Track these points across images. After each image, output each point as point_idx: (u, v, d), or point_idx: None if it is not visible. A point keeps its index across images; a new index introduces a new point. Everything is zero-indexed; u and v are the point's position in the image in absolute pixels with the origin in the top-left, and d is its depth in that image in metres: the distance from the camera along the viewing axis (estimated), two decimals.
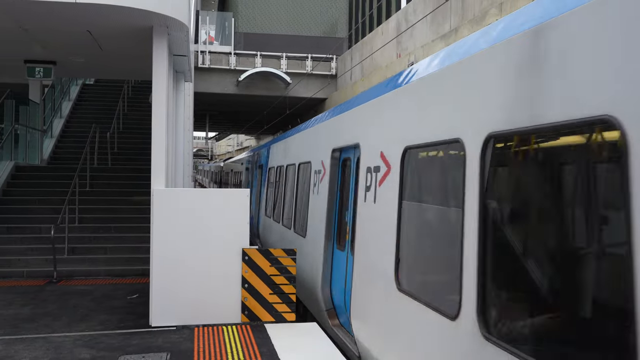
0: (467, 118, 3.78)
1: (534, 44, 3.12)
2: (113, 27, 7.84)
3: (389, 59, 18.92)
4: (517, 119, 3.17)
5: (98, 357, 5.67)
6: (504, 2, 11.20)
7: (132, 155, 14.57)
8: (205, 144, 75.54)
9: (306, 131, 9.39)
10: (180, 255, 6.92)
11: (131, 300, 8.27)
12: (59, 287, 9.19)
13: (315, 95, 25.78)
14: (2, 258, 10.21)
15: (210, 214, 7.02)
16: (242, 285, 6.99)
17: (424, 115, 4.52)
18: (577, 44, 2.77)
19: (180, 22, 7.57)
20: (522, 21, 3.37)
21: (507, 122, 3.27)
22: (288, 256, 7.09)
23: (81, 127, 15.91)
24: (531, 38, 3.15)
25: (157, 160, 7.38)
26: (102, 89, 19.04)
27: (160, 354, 5.77)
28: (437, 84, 4.39)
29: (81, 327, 6.84)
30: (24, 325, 6.86)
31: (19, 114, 13.37)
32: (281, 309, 7.02)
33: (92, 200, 12.18)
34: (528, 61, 3.16)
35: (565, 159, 2.92)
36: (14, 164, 13.01)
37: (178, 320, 6.86)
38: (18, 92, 13.58)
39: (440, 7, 14.36)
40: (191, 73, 12.08)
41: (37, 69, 10.20)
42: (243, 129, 47.71)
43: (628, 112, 2.41)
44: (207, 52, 25.29)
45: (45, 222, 11.04)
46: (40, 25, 7.88)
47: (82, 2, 6.63)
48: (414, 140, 4.66)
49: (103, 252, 10.85)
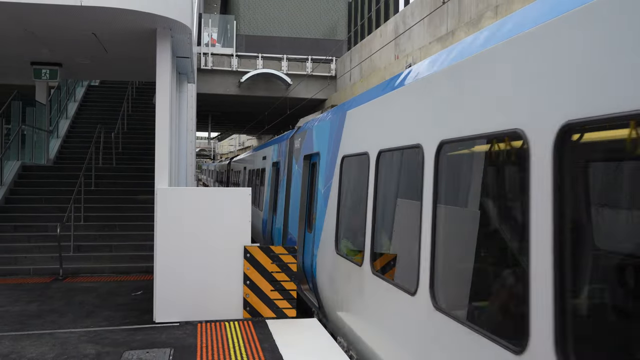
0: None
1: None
2: (118, 30, 7.93)
3: (387, 61, 19.04)
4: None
5: (103, 352, 5.75)
6: (499, 5, 11.32)
7: (136, 155, 14.70)
8: (208, 144, 75.63)
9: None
10: (184, 253, 7.01)
11: (135, 297, 8.37)
12: (64, 284, 9.31)
13: (316, 96, 25.90)
14: (10, 256, 10.36)
15: (213, 212, 7.10)
16: (244, 282, 7.09)
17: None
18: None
19: (183, 24, 7.67)
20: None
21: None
22: (289, 253, 7.21)
23: (86, 127, 16.04)
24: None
25: (160, 160, 7.47)
26: (107, 90, 19.16)
27: (164, 349, 5.85)
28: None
29: (86, 323, 6.93)
30: (30, 322, 6.96)
31: (26, 115, 13.50)
32: (282, 305, 7.13)
33: (97, 199, 12.30)
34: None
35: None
36: (20, 163, 13.14)
37: (181, 317, 6.96)
38: (25, 94, 13.72)
39: (437, 10, 14.48)
40: (194, 74, 12.20)
41: (43, 70, 10.29)
42: (245, 129, 47.80)
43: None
44: (209, 54, 25.43)
45: (51, 220, 11.16)
46: (46, 27, 7.97)
47: (87, 5, 6.71)
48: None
49: (108, 249, 10.97)
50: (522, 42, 3.16)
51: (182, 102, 11.16)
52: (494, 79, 3.42)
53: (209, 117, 34.21)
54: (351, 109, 6.66)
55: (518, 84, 3.14)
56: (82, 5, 6.69)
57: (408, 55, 16.51)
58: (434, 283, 3.92)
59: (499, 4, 11.33)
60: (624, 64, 2.33)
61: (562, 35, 2.80)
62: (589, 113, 2.47)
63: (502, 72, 3.33)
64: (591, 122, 2.47)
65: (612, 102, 2.36)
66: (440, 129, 4.03)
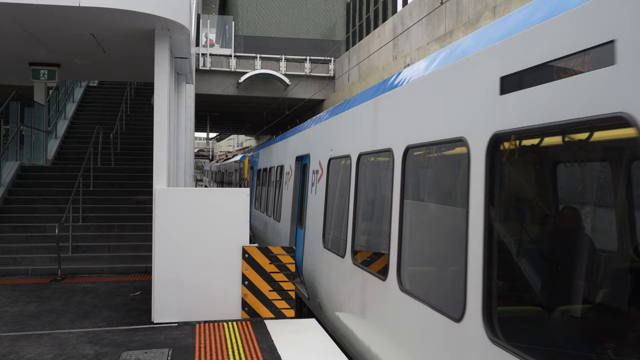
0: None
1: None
2: (116, 30, 7.93)
3: (386, 61, 19.06)
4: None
5: (101, 353, 5.76)
6: (497, 5, 11.35)
7: (134, 156, 14.71)
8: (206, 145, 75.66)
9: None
10: (182, 253, 7.02)
11: (134, 297, 8.38)
12: (63, 284, 9.32)
13: (314, 97, 25.93)
14: (8, 256, 10.36)
15: (211, 212, 7.11)
16: (243, 282, 7.10)
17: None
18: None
19: (181, 25, 7.67)
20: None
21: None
22: (287, 254, 7.22)
23: (85, 128, 16.05)
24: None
25: (158, 161, 7.47)
26: (106, 91, 19.18)
27: (163, 349, 5.86)
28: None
29: (85, 323, 6.94)
30: (29, 322, 6.97)
31: (24, 116, 13.51)
32: (280, 306, 7.14)
33: (95, 199, 12.31)
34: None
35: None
36: (19, 164, 13.14)
37: (180, 317, 6.97)
38: (23, 94, 13.72)
39: (436, 10, 14.50)
40: (192, 75, 12.21)
41: (41, 71, 10.28)
42: (243, 129, 47.81)
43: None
44: (208, 54, 25.44)
45: (49, 221, 11.17)
46: (44, 28, 7.97)
47: (85, 5, 6.71)
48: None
49: (106, 250, 10.98)
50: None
51: (180, 102, 11.16)
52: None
53: (207, 117, 34.21)
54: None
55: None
56: (80, 5, 6.69)
57: (406, 56, 16.53)
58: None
59: (497, 4, 11.35)
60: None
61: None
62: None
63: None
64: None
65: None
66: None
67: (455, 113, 3.89)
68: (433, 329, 4.00)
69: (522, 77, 3.08)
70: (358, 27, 31.79)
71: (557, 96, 2.76)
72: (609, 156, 2.72)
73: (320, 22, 32.09)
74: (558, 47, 2.79)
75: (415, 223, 4.71)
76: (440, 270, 4.35)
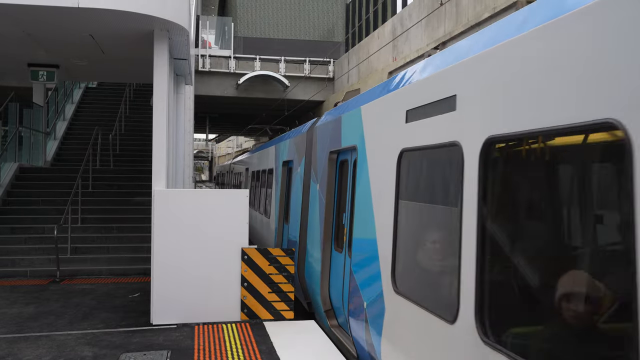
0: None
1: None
2: (115, 31, 7.93)
3: (385, 63, 19.06)
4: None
5: (100, 354, 5.76)
6: (497, 7, 11.35)
7: (133, 157, 14.71)
8: (206, 146, 75.60)
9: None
10: (181, 255, 7.02)
11: (132, 299, 8.38)
12: (62, 286, 9.31)
13: (313, 98, 25.92)
14: (6, 258, 10.35)
15: (210, 214, 7.12)
16: (242, 284, 7.10)
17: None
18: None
19: (180, 26, 7.67)
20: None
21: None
22: (286, 255, 7.21)
23: (84, 129, 16.05)
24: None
25: (158, 162, 7.46)
26: (105, 92, 19.18)
27: (161, 351, 5.86)
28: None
29: (83, 325, 6.93)
30: (27, 324, 6.97)
31: (23, 117, 13.50)
32: (280, 307, 7.14)
33: (94, 200, 12.31)
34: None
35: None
36: (18, 165, 13.14)
37: (179, 319, 6.96)
38: (22, 95, 13.72)
39: (435, 11, 14.50)
40: (191, 76, 12.20)
41: (40, 72, 10.26)
42: (243, 130, 47.79)
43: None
44: (207, 55, 25.42)
45: (48, 222, 11.16)
46: (43, 29, 7.96)
47: (84, 6, 6.71)
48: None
49: (105, 251, 10.98)
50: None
51: (179, 103, 11.16)
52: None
53: (206, 118, 34.18)
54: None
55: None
56: (79, 6, 6.70)
57: (406, 57, 16.53)
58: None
59: (497, 6, 11.36)
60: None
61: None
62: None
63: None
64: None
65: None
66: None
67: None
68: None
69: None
70: (357, 28, 31.79)
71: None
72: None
73: (319, 23, 32.10)
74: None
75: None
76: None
